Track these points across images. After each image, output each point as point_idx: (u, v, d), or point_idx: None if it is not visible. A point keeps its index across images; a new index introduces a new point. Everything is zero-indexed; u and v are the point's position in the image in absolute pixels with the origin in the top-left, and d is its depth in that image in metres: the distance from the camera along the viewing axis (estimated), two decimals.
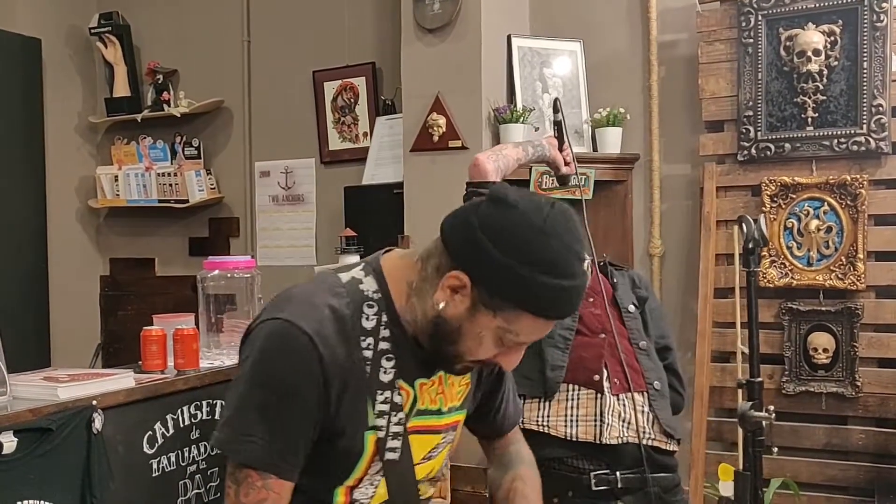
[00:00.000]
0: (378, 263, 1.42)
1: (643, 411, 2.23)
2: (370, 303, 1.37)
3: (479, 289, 1.27)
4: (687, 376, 3.39)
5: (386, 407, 1.37)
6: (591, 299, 2.33)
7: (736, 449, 3.04)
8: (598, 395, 2.22)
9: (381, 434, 1.37)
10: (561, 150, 2.40)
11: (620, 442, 2.19)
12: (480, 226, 1.26)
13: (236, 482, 1.31)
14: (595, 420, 2.20)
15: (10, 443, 1.64)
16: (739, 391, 2.71)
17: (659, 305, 2.59)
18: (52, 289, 4.68)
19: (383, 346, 1.36)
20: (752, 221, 1.53)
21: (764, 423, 1.49)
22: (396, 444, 1.39)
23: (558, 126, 2.40)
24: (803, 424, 3.14)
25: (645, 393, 2.26)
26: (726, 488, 2.69)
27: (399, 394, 1.39)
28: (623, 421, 2.21)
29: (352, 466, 1.38)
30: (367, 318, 1.36)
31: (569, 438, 2.19)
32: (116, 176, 4.70)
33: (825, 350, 3.11)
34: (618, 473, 2.17)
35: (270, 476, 1.30)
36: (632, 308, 2.39)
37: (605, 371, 2.25)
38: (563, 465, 2.21)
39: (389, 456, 1.39)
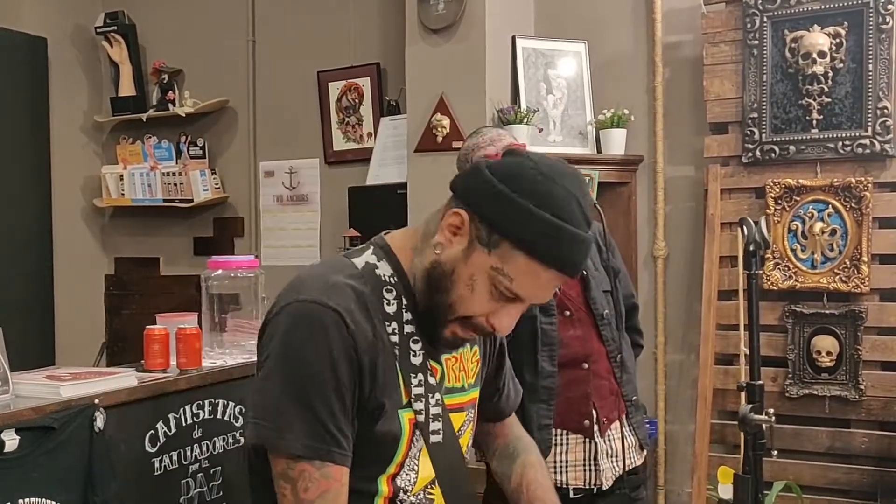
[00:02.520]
0: (385, 242, 1.41)
1: (626, 437, 2.20)
2: (388, 287, 1.35)
3: (478, 224, 1.26)
4: (690, 378, 3.41)
5: (421, 390, 1.34)
6: (568, 312, 2.20)
7: (739, 451, 3.03)
8: (588, 440, 2.16)
9: (421, 418, 1.34)
10: None
11: (614, 476, 2.17)
12: (489, 167, 1.29)
13: (290, 480, 1.23)
14: (586, 466, 2.15)
15: (12, 441, 1.64)
16: (742, 394, 2.71)
17: (621, 260, 2.42)
18: (56, 287, 4.69)
19: (408, 329, 1.34)
20: (752, 224, 1.53)
21: (764, 426, 1.48)
22: (438, 425, 1.37)
23: None
24: (806, 427, 3.13)
25: (624, 415, 2.22)
26: (725, 491, 2.69)
27: (431, 374, 1.36)
28: (613, 458, 2.18)
29: (393, 450, 1.32)
30: (388, 304, 1.34)
31: (560, 486, 2.11)
32: (121, 175, 4.71)
33: (829, 353, 3.10)
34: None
35: (326, 464, 1.23)
36: (606, 313, 2.23)
37: (593, 413, 2.17)
38: None
39: (434, 439, 1.36)
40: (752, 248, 1.51)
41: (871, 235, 3.06)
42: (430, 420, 1.35)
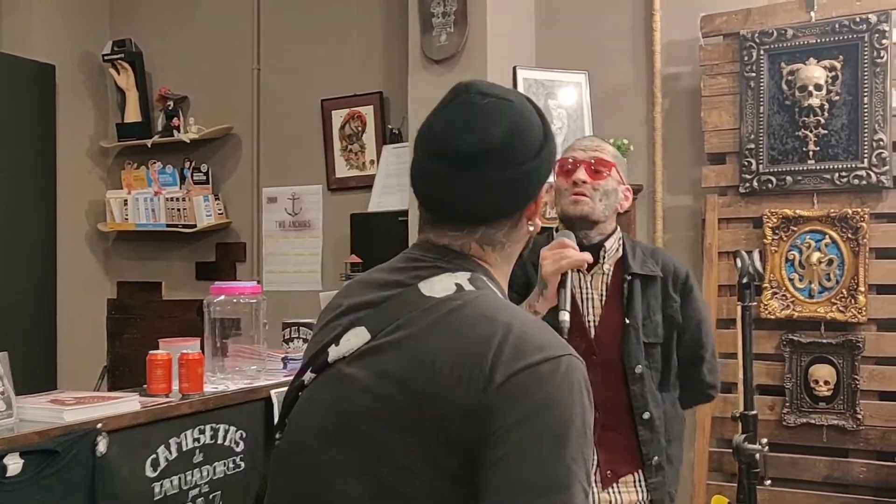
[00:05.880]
0: (480, 274, 1.17)
1: (638, 492, 2.02)
2: None
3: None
4: None
5: None
6: (594, 356, 1.98)
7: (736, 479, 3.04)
8: None
9: None
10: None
11: None
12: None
13: None
14: None
15: (15, 464, 1.66)
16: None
17: (700, 308, 2.14)
18: (59, 311, 4.72)
19: None
20: (746, 256, 1.56)
21: (758, 455, 1.50)
22: None
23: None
24: (804, 456, 3.14)
25: (639, 471, 2.04)
26: None
27: None
28: None
29: None
30: None
31: None
32: (126, 200, 4.75)
33: (826, 382, 3.12)
34: None
35: None
36: (639, 369, 2.02)
37: (594, 460, 1.98)
38: None
39: None
40: (745, 279, 1.54)
41: (868, 265, 3.08)
42: None
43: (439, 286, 1.12)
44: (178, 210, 4.62)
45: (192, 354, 2.21)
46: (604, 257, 2.09)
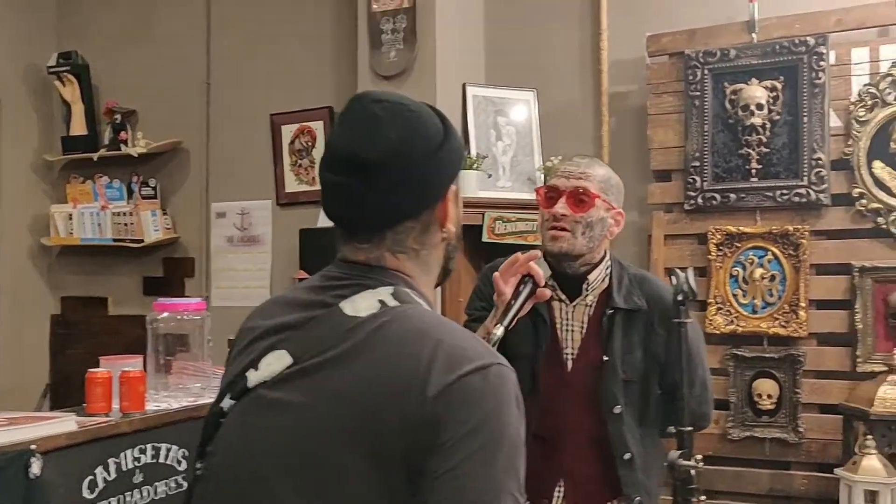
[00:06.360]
0: (405, 288, 1.17)
1: None
2: None
3: (455, 183, 1.21)
4: None
5: None
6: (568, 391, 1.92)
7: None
8: None
9: None
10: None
11: None
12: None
13: None
14: None
15: None
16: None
17: (693, 335, 1.88)
18: (0, 327, 4.60)
19: None
20: (680, 273, 1.58)
21: (692, 471, 1.52)
22: None
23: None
24: (747, 469, 3.19)
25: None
26: None
27: None
28: None
29: None
30: None
31: None
32: (71, 214, 4.66)
33: (769, 396, 3.17)
34: None
35: None
36: (617, 409, 1.92)
37: (559, 492, 1.93)
38: None
39: None
40: (679, 297, 1.56)
41: (809, 281, 3.15)
42: None
43: (363, 304, 1.11)
44: (126, 225, 4.54)
45: (133, 372, 2.18)
46: (587, 289, 1.99)
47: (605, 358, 1.95)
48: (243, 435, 1.12)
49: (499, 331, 1.69)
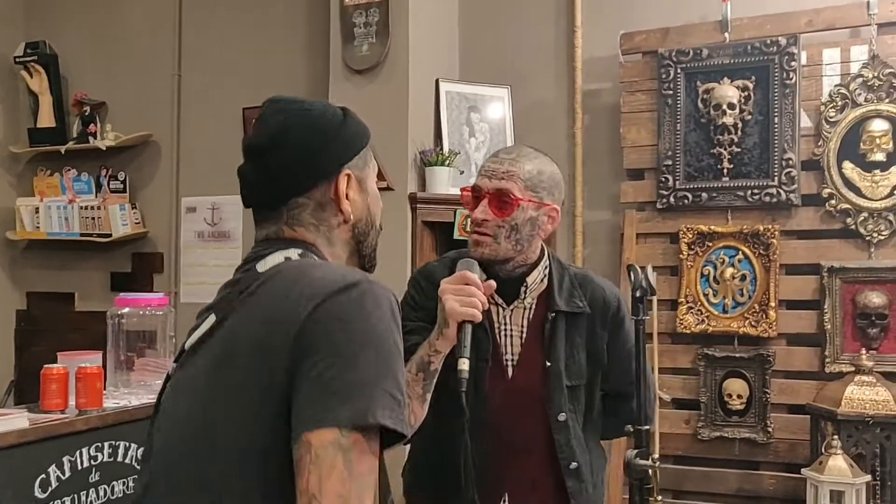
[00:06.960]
0: (312, 255, 1.31)
1: None
2: None
3: (350, 168, 1.33)
4: None
5: None
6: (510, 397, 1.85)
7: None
8: None
9: None
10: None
11: None
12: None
13: (345, 451, 1.06)
14: None
15: None
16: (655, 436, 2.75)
17: (631, 336, 1.84)
18: None
19: None
20: (639, 270, 1.56)
21: (650, 471, 1.50)
22: None
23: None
24: (716, 469, 3.18)
25: None
26: None
27: None
28: None
29: None
30: None
31: None
32: (37, 208, 4.58)
33: (739, 396, 3.17)
34: None
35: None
36: (563, 416, 1.86)
37: (504, 497, 1.87)
38: None
39: None
40: (638, 293, 1.54)
41: (779, 281, 3.15)
42: None
43: (271, 261, 1.27)
44: (93, 219, 4.46)
45: (90, 368, 2.13)
46: (525, 292, 1.87)
47: (548, 364, 1.86)
48: (174, 387, 1.29)
49: (465, 365, 1.62)
